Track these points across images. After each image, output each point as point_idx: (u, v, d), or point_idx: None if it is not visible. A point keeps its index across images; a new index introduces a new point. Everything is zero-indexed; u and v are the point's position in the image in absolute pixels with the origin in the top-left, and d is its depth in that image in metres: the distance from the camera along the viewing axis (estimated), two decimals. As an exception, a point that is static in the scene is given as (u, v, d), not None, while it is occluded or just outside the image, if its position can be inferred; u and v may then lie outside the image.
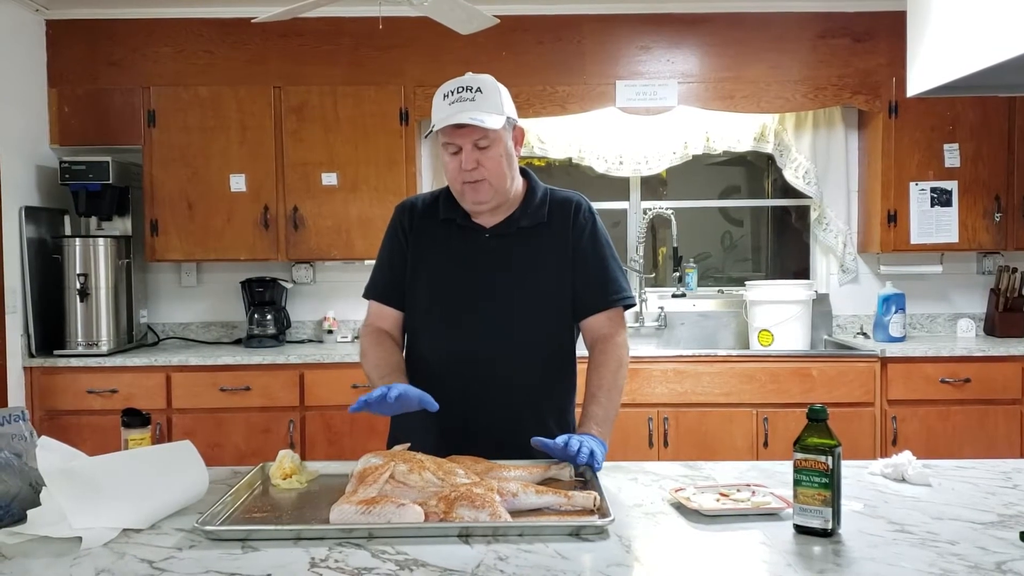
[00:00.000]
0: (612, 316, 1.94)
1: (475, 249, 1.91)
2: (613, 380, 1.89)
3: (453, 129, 1.81)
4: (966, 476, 1.74)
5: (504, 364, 1.88)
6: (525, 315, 1.89)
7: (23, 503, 1.46)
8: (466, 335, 1.89)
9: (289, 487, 1.68)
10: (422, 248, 1.95)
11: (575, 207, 1.94)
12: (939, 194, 4.00)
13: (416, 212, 1.98)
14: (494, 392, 1.88)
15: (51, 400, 3.71)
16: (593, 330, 1.94)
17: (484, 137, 1.81)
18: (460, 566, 1.26)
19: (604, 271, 1.93)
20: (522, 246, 1.91)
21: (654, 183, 4.59)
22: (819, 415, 1.41)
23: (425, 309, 1.94)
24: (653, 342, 4.27)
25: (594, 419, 1.82)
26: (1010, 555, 1.29)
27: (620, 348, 1.92)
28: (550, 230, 1.92)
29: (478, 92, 1.81)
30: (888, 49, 3.97)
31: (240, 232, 4.01)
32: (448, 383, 1.86)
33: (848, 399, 3.65)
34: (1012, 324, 4.12)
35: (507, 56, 4.01)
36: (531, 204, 1.93)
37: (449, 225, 1.94)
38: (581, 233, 1.92)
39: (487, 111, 1.79)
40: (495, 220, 1.92)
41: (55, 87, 4.02)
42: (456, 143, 1.82)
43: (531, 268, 1.90)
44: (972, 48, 1.72)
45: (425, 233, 1.95)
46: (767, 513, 1.49)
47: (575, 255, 1.91)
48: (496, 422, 1.87)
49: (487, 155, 1.82)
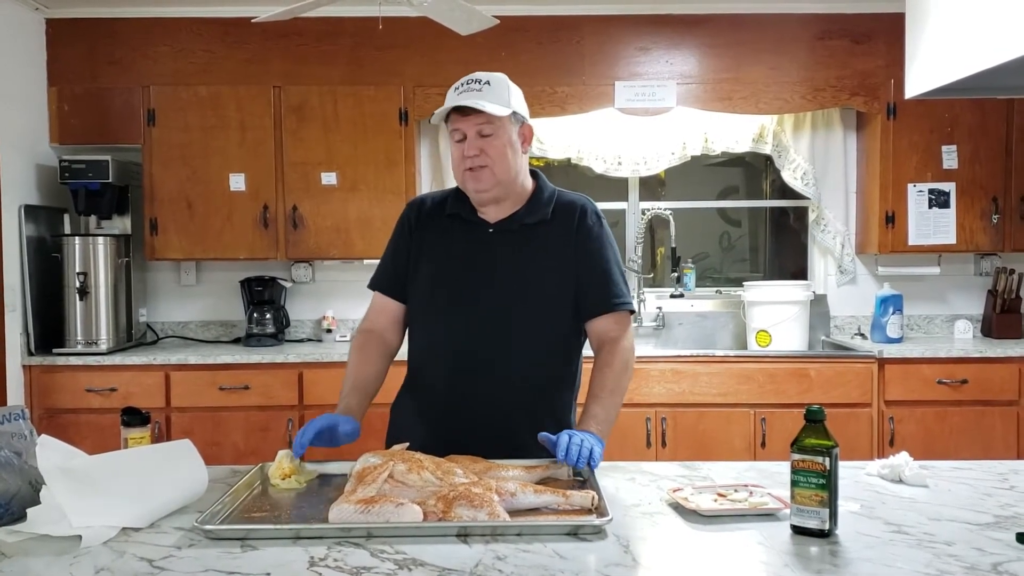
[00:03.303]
0: (619, 319, 1.95)
1: (476, 242, 1.93)
2: (617, 382, 1.90)
3: (458, 116, 1.86)
4: (963, 477, 1.74)
5: (501, 355, 1.89)
6: (523, 310, 1.90)
7: (23, 501, 1.46)
8: (465, 326, 1.90)
9: (288, 487, 1.68)
10: (426, 242, 1.97)
11: (581, 209, 1.96)
12: (937, 195, 4.00)
13: (425, 208, 2.01)
14: (491, 383, 1.89)
15: (50, 399, 3.71)
16: (599, 333, 1.95)
17: (488, 123, 1.85)
18: (459, 565, 1.26)
19: (607, 274, 1.94)
20: (524, 242, 1.92)
21: (653, 184, 4.59)
22: (816, 416, 1.41)
23: (426, 300, 1.96)
24: (651, 342, 4.28)
25: (595, 418, 1.83)
26: (1006, 556, 1.30)
27: (626, 351, 1.94)
28: (553, 228, 1.93)
29: (486, 84, 1.87)
30: (886, 51, 3.98)
31: (239, 231, 4.01)
32: (446, 373, 1.91)
33: (845, 400, 3.66)
34: (1009, 325, 4.13)
35: (506, 57, 4.01)
36: (537, 203, 1.95)
37: (454, 219, 1.97)
38: (588, 235, 1.94)
39: (492, 101, 1.84)
40: (500, 216, 1.94)
41: (55, 86, 4.02)
42: (461, 129, 1.87)
43: (531, 264, 1.91)
44: (970, 50, 1.73)
45: (431, 227, 1.98)
46: (764, 513, 1.49)
47: (578, 256, 1.92)
48: (492, 414, 1.88)
49: (490, 143, 1.86)
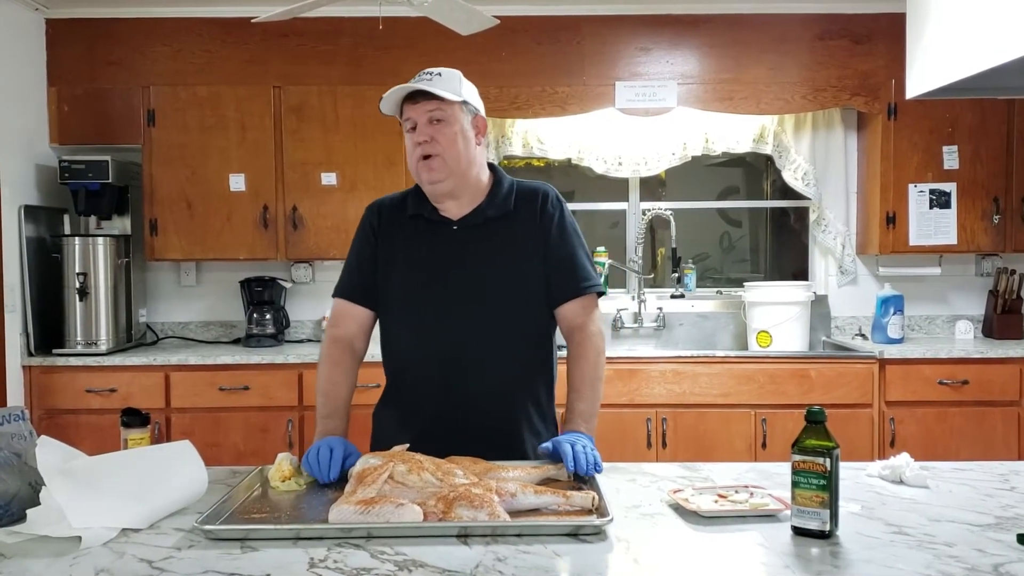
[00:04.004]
0: (585, 303, 1.94)
1: (444, 242, 1.92)
2: (595, 372, 1.91)
3: (410, 104, 1.88)
4: (964, 478, 1.74)
5: (478, 354, 1.88)
6: (497, 305, 1.89)
7: (22, 502, 1.46)
8: (439, 328, 1.89)
9: (288, 489, 1.68)
10: (392, 245, 1.96)
11: (542, 196, 1.96)
12: (938, 196, 4.00)
13: (384, 211, 2.00)
14: (470, 384, 1.88)
15: (50, 399, 3.71)
16: (567, 319, 1.95)
17: (438, 109, 1.86)
18: (459, 567, 1.26)
19: (573, 258, 1.94)
20: (490, 237, 1.91)
21: (653, 184, 4.59)
22: (817, 417, 1.41)
23: (397, 305, 1.94)
24: (652, 343, 4.28)
25: (581, 416, 1.85)
26: (1007, 557, 1.29)
27: (596, 337, 1.93)
28: (517, 219, 1.93)
29: (438, 75, 1.89)
30: (887, 51, 3.98)
31: (239, 231, 4.01)
32: (423, 377, 1.90)
33: (846, 400, 3.66)
34: (1010, 326, 4.13)
35: (507, 57, 4.01)
36: (498, 195, 1.94)
37: (417, 220, 1.95)
38: (550, 221, 1.93)
39: (443, 88, 1.86)
40: (462, 212, 1.93)
41: (55, 86, 4.02)
42: (412, 117, 1.88)
43: (500, 258, 1.91)
44: (971, 50, 1.72)
45: (394, 230, 1.97)
46: (765, 515, 1.49)
47: (544, 243, 1.93)
48: (473, 414, 1.87)
49: (441, 131, 1.86)
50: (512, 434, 1.91)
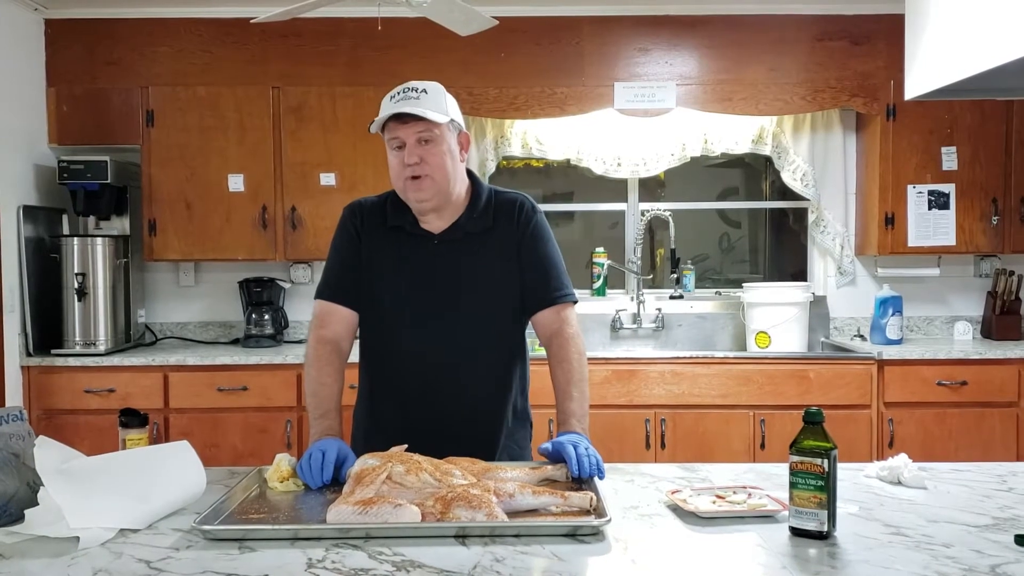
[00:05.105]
0: (560, 311, 1.97)
1: (425, 256, 1.93)
2: (580, 372, 1.93)
3: (397, 124, 1.86)
4: (962, 479, 1.74)
5: (458, 369, 1.92)
6: (477, 320, 1.92)
7: (21, 503, 1.46)
8: (420, 342, 1.92)
9: (286, 490, 1.68)
10: (373, 254, 1.96)
11: (519, 208, 1.98)
12: (936, 197, 4.00)
13: (365, 214, 1.99)
14: (450, 394, 1.92)
15: (48, 399, 3.71)
16: (544, 326, 1.97)
17: (427, 130, 1.85)
18: (457, 567, 1.26)
19: (546, 269, 1.97)
20: (471, 252, 1.94)
21: (652, 185, 4.59)
22: (815, 418, 1.41)
23: (378, 317, 1.96)
24: (651, 343, 4.28)
25: (574, 416, 1.87)
26: (1005, 558, 1.30)
27: (575, 339, 1.96)
28: (497, 233, 1.95)
29: (423, 92, 1.87)
30: (886, 52, 3.98)
31: (238, 232, 4.01)
32: (405, 385, 1.94)
33: (845, 401, 3.66)
34: (1009, 327, 4.13)
35: (505, 57, 4.01)
36: (476, 208, 1.96)
37: (398, 232, 1.96)
38: (524, 232, 1.96)
39: (430, 108, 1.85)
40: (442, 225, 1.94)
41: (54, 86, 4.02)
42: (400, 137, 1.86)
43: (481, 273, 1.93)
44: (970, 51, 1.73)
45: (375, 239, 1.97)
46: (763, 515, 1.49)
47: (520, 253, 1.95)
48: (453, 423, 1.91)
49: (429, 151, 1.86)
50: (488, 440, 1.94)
